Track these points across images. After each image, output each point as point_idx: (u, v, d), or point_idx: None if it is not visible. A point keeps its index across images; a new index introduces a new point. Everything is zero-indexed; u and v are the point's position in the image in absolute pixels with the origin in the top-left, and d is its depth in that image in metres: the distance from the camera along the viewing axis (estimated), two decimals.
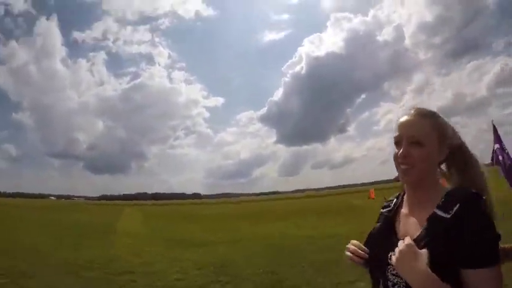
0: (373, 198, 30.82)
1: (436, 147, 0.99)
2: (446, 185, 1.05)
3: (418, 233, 0.95)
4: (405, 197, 1.10)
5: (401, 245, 0.90)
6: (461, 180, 1.02)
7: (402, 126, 1.02)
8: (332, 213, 21.31)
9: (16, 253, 8.82)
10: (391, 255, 0.96)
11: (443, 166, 1.09)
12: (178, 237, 13.57)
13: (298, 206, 36.43)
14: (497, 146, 7.67)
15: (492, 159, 7.81)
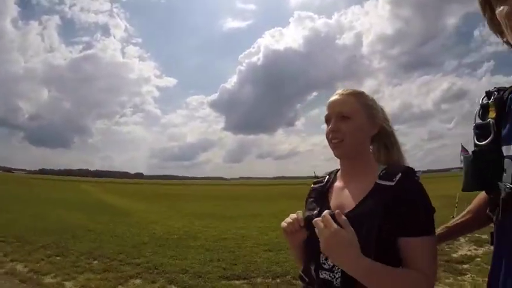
0: None
1: (365, 121, 0.98)
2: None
3: (356, 203, 0.93)
4: (339, 173, 1.09)
5: (324, 230, 0.81)
6: (388, 159, 1.03)
7: (331, 105, 1.01)
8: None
9: (73, 232, 7.30)
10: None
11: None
12: (200, 211, 12.92)
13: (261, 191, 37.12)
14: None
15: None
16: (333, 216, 0.82)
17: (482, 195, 1.04)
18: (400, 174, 0.89)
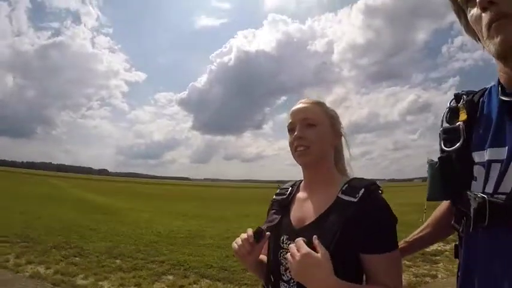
0: None
1: (328, 129, 0.96)
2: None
3: (316, 216, 0.90)
4: (302, 184, 1.05)
5: (296, 253, 0.77)
6: (344, 170, 1.03)
7: (295, 113, 0.97)
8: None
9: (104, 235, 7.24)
10: (283, 239, 0.94)
11: None
12: (189, 212, 13.00)
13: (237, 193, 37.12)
14: None
15: None
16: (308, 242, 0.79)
17: (441, 207, 1.02)
18: (363, 190, 0.85)
